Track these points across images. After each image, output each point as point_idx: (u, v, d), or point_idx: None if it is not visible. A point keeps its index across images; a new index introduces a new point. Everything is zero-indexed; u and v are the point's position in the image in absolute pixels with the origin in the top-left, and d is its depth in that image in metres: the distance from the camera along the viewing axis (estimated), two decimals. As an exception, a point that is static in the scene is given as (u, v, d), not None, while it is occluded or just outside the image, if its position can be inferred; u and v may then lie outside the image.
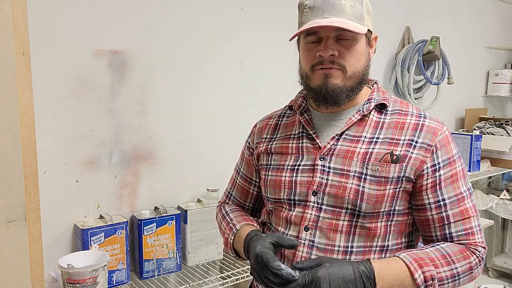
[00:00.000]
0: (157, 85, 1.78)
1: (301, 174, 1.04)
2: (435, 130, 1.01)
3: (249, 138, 1.24)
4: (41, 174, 1.52)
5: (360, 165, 0.99)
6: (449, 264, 0.95)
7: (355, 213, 0.99)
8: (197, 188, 1.93)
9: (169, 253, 1.72)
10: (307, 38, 1.01)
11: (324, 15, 0.96)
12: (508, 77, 3.39)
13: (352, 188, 0.98)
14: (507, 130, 3.09)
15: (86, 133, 1.63)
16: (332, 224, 1.00)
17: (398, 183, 0.98)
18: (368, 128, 1.03)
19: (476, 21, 3.26)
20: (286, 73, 2.19)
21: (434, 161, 0.99)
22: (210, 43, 1.91)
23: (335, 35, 0.98)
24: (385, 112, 1.05)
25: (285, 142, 1.11)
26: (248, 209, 1.27)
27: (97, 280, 1.38)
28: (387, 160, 0.98)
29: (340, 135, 1.04)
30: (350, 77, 1.00)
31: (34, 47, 1.36)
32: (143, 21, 1.72)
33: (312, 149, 1.05)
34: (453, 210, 0.99)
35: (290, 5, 2.16)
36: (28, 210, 1.03)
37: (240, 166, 1.27)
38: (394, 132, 1.01)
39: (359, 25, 0.97)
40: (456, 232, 0.99)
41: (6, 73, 0.96)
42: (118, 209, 1.73)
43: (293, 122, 1.13)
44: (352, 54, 0.99)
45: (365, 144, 1.01)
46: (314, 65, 1.00)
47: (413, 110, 1.06)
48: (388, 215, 1.00)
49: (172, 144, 1.85)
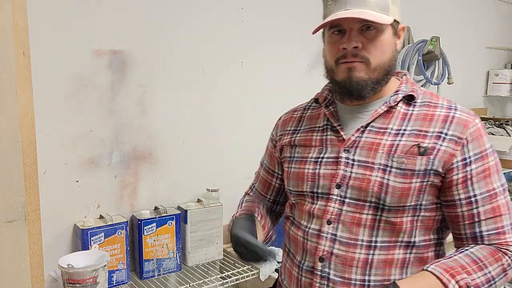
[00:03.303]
0: (157, 85, 1.78)
1: (325, 167, 1.03)
2: (466, 122, 0.96)
3: (273, 130, 1.23)
4: (41, 174, 1.52)
5: (385, 158, 0.96)
6: (482, 269, 0.91)
7: (379, 206, 0.96)
8: (197, 188, 1.93)
9: (169, 253, 1.72)
10: (331, 30, 1.00)
11: (347, 6, 0.95)
12: (508, 77, 3.39)
13: (377, 180, 0.96)
14: (507, 130, 3.09)
15: (86, 133, 1.63)
16: (355, 218, 0.98)
17: (425, 176, 0.95)
18: (395, 120, 1.00)
19: (476, 21, 3.26)
20: (286, 73, 2.19)
21: (464, 155, 0.95)
22: (210, 43, 1.91)
23: (359, 26, 0.96)
24: (413, 104, 1.01)
25: (309, 135, 1.09)
26: (269, 201, 1.26)
27: (97, 280, 1.38)
28: (414, 152, 0.95)
29: (365, 127, 1.01)
30: (375, 69, 0.98)
31: (34, 47, 1.36)
32: (143, 21, 1.72)
33: (336, 142, 1.03)
34: (485, 207, 0.95)
35: (290, 5, 2.16)
36: (28, 210, 1.03)
37: (264, 159, 1.27)
38: (422, 124, 0.98)
39: (383, 15, 0.94)
40: (487, 231, 0.95)
41: (6, 73, 0.96)
42: (118, 209, 1.73)
43: (318, 115, 1.12)
44: (377, 46, 0.96)
45: (391, 136, 0.98)
46: (338, 58, 0.99)
47: (443, 102, 1.01)
48: (415, 210, 0.96)
49: (172, 144, 1.85)
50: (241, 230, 1.00)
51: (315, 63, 2.31)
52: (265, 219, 1.17)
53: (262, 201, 1.26)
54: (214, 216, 1.82)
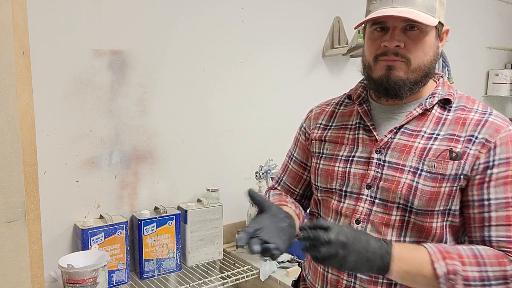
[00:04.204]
0: (157, 85, 1.78)
1: (355, 166, 1.02)
2: (498, 127, 0.94)
3: (304, 122, 1.20)
4: (41, 174, 1.52)
5: (417, 160, 0.95)
6: (479, 265, 0.87)
7: (407, 208, 0.95)
8: (197, 188, 1.93)
9: (169, 253, 1.72)
10: (373, 27, 0.98)
11: (393, 4, 0.93)
12: (508, 77, 3.39)
13: (406, 183, 0.94)
14: (507, 130, 3.08)
15: (86, 133, 1.63)
16: (384, 219, 0.97)
17: (455, 181, 0.93)
18: (429, 123, 0.98)
19: (476, 21, 3.26)
20: (286, 73, 2.19)
21: (488, 158, 0.92)
22: (210, 43, 1.91)
23: (403, 25, 0.94)
24: (448, 108, 0.99)
25: (341, 132, 1.08)
26: (298, 195, 1.23)
27: (97, 280, 1.38)
28: (446, 157, 0.93)
29: (399, 128, 1.00)
30: (414, 70, 0.96)
31: (34, 47, 1.36)
32: (143, 21, 1.72)
33: (368, 141, 1.02)
34: (498, 213, 0.91)
35: (290, 5, 2.16)
36: (28, 210, 1.03)
37: (294, 152, 1.22)
38: (455, 128, 0.96)
39: (429, 16, 0.93)
40: (497, 237, 0.91)
41: (6, 73, 0.96)
42: (118, 209, 1.73)
43: (351, 112, 1.10)
44: (419, 47, 0.95)
45: (424, 139, 0.96)
46: (378, 55, 0.97)
47: (479, 106, 0.99)
48: (444, 214, 0.95)
49: (172, 144, 1.85)
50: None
51: (315, 63, 2.31)
52: (299, 209, 1.14)
53: (288, 195, 1.22)
54: (214, 216, 1.82)
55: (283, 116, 2.17)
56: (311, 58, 2.28)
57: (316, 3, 2.25)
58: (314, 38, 2.28)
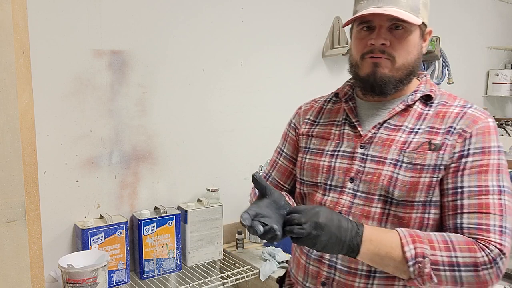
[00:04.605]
0: (157, 85, 1.78)
1: (340, 160, 1.05)
2: (476, 118, 0.97)
3: (294, 118, 1.24)
4: (41, 174, 1.52)
5: (398, 153, 0.98)
6: (449, 250, 0.88)
7: (387, 200, 0.98)
8: (197, 188, 1.93)
9: (169, 253, 1.72)
10: (360, 26, 1.02)
11: (379, 4, 0.98)
12: (508, 77, 3.39)
13: (387, 174, 0.98)
14: (507, 130, 3.09)
15: (86, 133, 1.63)
16: (364, 211, 1.00)
17: (434, 171, 0.95)
18: (411, 118, 1.02)
19: (476, 21, 3.26)
20: (286, 73, 2.19)
21: (464, 147, 0.95)
22: (210, 43, 1.91)
23: (388, 25, 0.98)
24: (430, 104, 1.03)
25: (328, 128, 1.12)
26: (286, 190, 1.25)
27: (97, 280, 1.38)
28: (425, 149, 0.97)
29: (382, 124, 1.03)
30: (399, 68, 1.00)
31: (34, 47, 1.36)
32: (143, 21, 1.72)
33: (353, 137, 1.06)
34: (470, 200, 0.92)
35: (290, 5, 2.16)
36: (28, 210, 1.03)
37: (283, 147, 1.26)
38: (435, 121, 0.99)
39: (413, 16, 0.97)
40: (468, 224, 0.91)
41: (6, 73, 0.96)
42: (118, 209, 1.73)
43: (338, 109, 1.14)
44: (404, 45, 0.99)
45: (406, 133, 1.00)
46: (364, 53, 1.01)
47: (460, 102, 1.02)
48: (424, 206, 0.97)
49: (172, 144, 1.85)
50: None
51: (315, 63, 2.31)
52: (292, 201, 1.14)
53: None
54: (214, 216, 1.82)
55: (283, 116, 2.15)
56: (311, 58, 2.28)
57: (316, 3, 2.25)
58: (314, 38, 2.28)
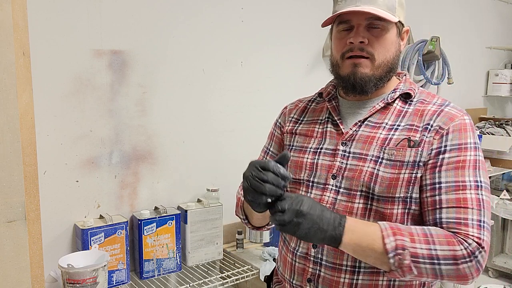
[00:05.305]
0: (157, 85, 1.78)
1: (323, 157, 1.07)
2: (453, 115, 1.00)
3: (280, 118, 1.26)
4: (41, 174, 1.52)
5: (378, 150, 1.01)
6: (428, 243, 0.90)
7: (369, 196, 1.00)
8: (197, 188, 1.93)
9: (169, 253, 1.72)
10: (339, 27, 1.05)
11: (357, 3, 1.01)
12: (508, 77, 3.39)
13: (368, 171, 1.00)
14: (507, 130, 3.09)
15: (86, 133, 1.63)
16: (347, 207, 1.01)
17: (414, 168, 0.98)
18: (390, 115, 1.05)
19: (476, 21, 3.26)
20: (286, 73, 2.19)
21: (441, 144, 0.97)
22: (210, 43, 1.91)
23: (366, 23, 1.01)
24: (409, 102, 1.06)
25: (312, 126, 1.14)
26: None
27: (97, 280, 1.38)
28: (405, 145, 0.99)
29: (363, 121, 1.06)
30: (379, 66, 1.03)
31: (34, 47, 1.36)
32: (143, 21, 1.72)
33: (335, 135, 1.09)
34: (448, 196, 0.95)
35: (290, 5, 2.16)
36: (28, 210, 1.03)
37: (270, 146, 1.29)
38: (414, 119, 1.02)
39: (390, 14, 1.00)
40: (447, 218, 0.94)
41: (6, 73, 0.96)
42: (118, 209, 1.73)
43: (321, 108, 1.17)
44: (382, 43, 1.02)
45: (386, 130, 1.03)
46: (344, 53, 1.04)
47: (438, 100, 1.06)
48: (405, 202, 0.99)
49: (172, 144, 1.85)
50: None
51: (315, 63, 2.31)
52: None
53: None
54: (214, 216, 1.82)
55: (283, 116, 2.17)
56: (311, 58, 2.28)
57: (316, 3, 2.25)
58: (314, 38, 2.28)
